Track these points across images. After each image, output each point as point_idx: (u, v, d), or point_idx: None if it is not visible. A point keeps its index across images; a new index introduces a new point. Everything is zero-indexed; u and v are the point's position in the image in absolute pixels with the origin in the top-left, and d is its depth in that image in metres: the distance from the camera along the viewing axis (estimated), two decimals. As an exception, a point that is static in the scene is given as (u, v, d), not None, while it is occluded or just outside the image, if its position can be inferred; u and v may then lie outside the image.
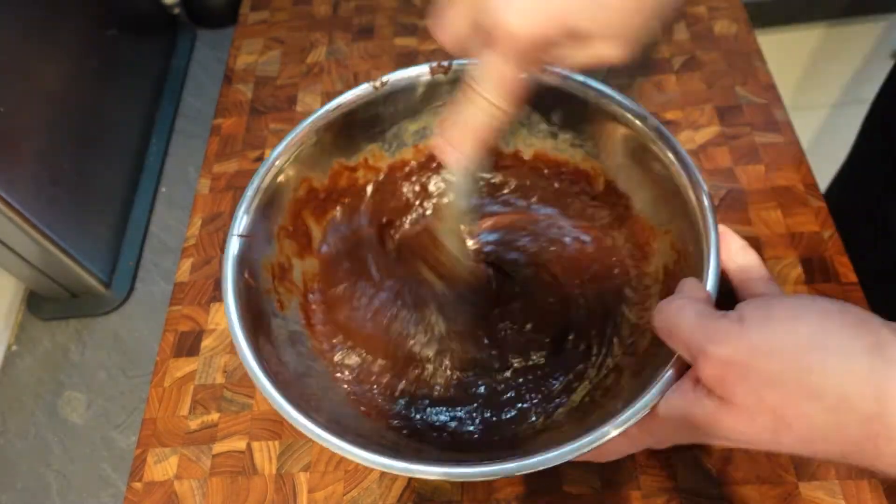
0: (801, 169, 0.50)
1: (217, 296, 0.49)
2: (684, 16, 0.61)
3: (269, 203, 0.40)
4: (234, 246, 0.38)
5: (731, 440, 0.27)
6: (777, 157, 0.51)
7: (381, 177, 0.46)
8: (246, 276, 0.37)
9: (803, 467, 0.38)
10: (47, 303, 0.53)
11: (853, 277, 0.45)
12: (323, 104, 0.42)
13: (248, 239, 0.38)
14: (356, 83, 0.42)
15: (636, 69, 0.57)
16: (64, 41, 0.53)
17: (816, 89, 1.10)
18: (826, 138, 1.13)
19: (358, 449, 0.31)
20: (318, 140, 0.42)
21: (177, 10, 0.70)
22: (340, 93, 0.42)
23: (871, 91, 0.60)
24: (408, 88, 0.43)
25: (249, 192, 0.39)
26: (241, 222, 0.39)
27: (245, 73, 0.63)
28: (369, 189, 0.46)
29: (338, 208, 0.45)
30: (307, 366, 0.39)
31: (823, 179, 0.55)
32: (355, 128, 0.43)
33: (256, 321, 0.37)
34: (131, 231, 0.56)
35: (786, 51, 1.01)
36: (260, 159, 0.56)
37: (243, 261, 0.38)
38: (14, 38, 0.47)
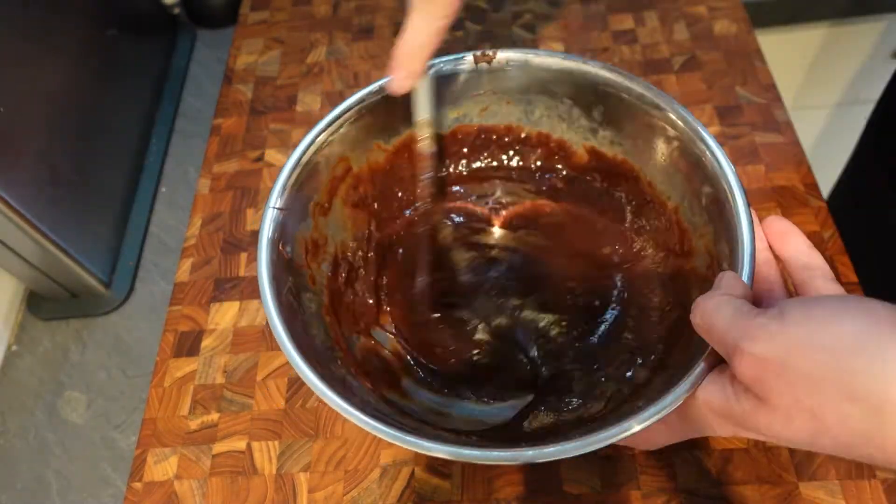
0: (801, 169, 0.50)
1: (217, 296, 0.49)
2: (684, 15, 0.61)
3: (306, 179, 0.40)
4: (269, 218, 0.38)
5: (769, 439, 0.26)
6: (777, 157, 0.51)
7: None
8: (280, 247, 0.38)
9: (803, 467, 0.38)
10: (47, 303, 0.53)
11: (853, 277, 0.45)
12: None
13: (284, 213, 0.38)
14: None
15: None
16: (64, 41, 0.53)
17: (817, 89, 1.10)
18: (826, 139, 1.13)
19: (377, 422, 0.31)
20: (358, 119, 0.42)
21: (177, 10, 0.70)
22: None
23: (871, 91, 0.60)
24: (450, 75, 0.43)
25: (288, 167, 0.39)
26: (279, 196, 0.39)
27: (245, 73, 0.63)
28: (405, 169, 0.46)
29: (371, 186, 0.45)
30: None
31: (822, 179, 0.55)
32: (396, 111, 0.43)
33: (288, 294, 0.37)
34: (131, 231, 0.56)
35: (786, 51, 1.01)
36: (260, 159, 0.56)
37: (278, 234, 0.38)
38: (14, 38, 0.47)
